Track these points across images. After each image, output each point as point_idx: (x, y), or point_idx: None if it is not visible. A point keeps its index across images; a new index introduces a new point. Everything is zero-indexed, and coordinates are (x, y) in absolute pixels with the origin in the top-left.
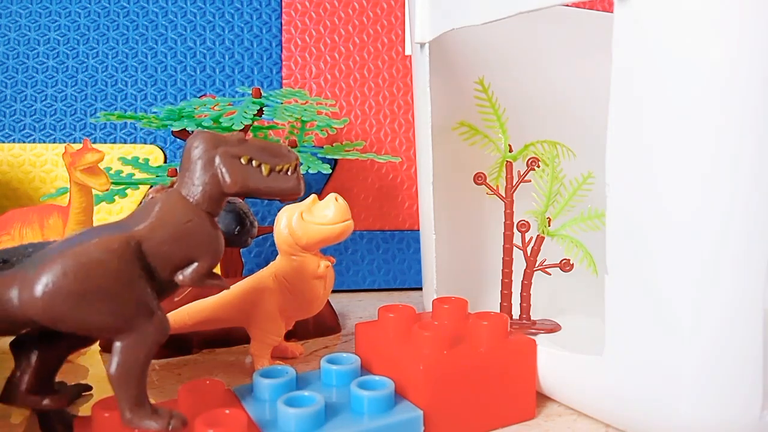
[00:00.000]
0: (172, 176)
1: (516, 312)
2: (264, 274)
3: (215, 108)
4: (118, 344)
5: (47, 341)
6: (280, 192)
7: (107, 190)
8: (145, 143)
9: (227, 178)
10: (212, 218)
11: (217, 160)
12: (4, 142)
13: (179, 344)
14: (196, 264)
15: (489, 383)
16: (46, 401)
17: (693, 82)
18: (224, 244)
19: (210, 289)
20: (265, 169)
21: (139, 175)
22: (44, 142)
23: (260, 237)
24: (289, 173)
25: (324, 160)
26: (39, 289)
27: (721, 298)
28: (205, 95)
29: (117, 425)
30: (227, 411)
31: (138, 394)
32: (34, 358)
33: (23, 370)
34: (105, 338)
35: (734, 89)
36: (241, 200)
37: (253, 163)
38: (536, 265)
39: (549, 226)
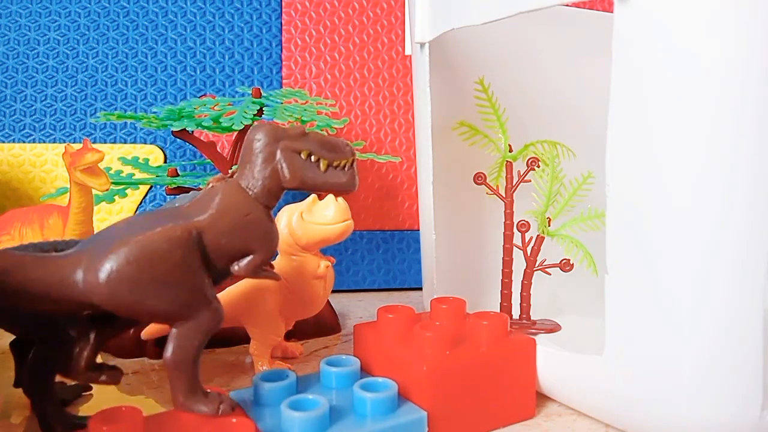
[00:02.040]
0: (172, 176)
1: (516, 312)
2: None
3: (215, 108)
4: (174, 331)
5: (105, 321)
6: (335, 187)
7: (107, 190)
8: (145, 143)
9: (287, 174)
10: (269, 211)
11: (278, 154)
12: (4, 142)
13: None
14: (252, 256)
15: (490, 383)
16: (103, 377)
17: (693, 82)
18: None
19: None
20: (323, 164)
21: (139, 175)
22: (44, 142)
23: None
24: (345, 168)
25: None
26: (103, 275)
27: (721, 297)
28: (205, 95)
29: None
30: (234, 420)
31: (191, 379)
32: (93, 335)
33: (82, 347)
34: (162, 323)
35: (734, 88)
36: None
37: (312, 158)
38: (536, 265)
39: (549, 226)
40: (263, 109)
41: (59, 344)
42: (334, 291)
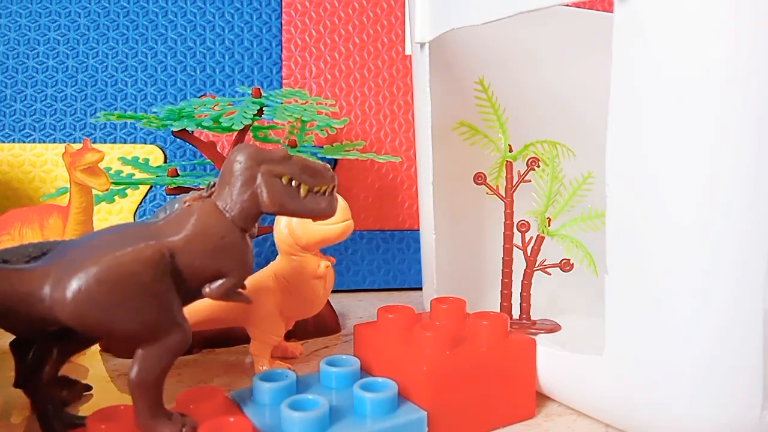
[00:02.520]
0: (172, 176)
1: (516, 312)
2: (264, 274)
3: (215, 108)
4: (140, 352)
5: (69, 337)
6: (313, 213)
7: (107, 190)
8: (145, 143)
9: (266, 199)
10: (245, 235)
11: (259, 178)
12: (4, 142)
13: None
14: (224, 279)
15: (490, 383)
16: (64, 392)
17: (693, 82)
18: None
19: None
20: (303, 189)
21: (139, 175)
22: (44, 142)
23: (260, 237)
24: (325, 194)
25: (324, 160)
26: (70, 293)
27: (721, 297)
28: (205, 95)
29: None
30: (231, 419)
31: (155, 400)
32: (56, 349)
33: (43, 362)
34: (128, 344)
35: (734, 89)
36: None
37: (293, 183)
38: (536, 265)
39: (549, 226)
40: (263, 109)
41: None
42: (334, 291)
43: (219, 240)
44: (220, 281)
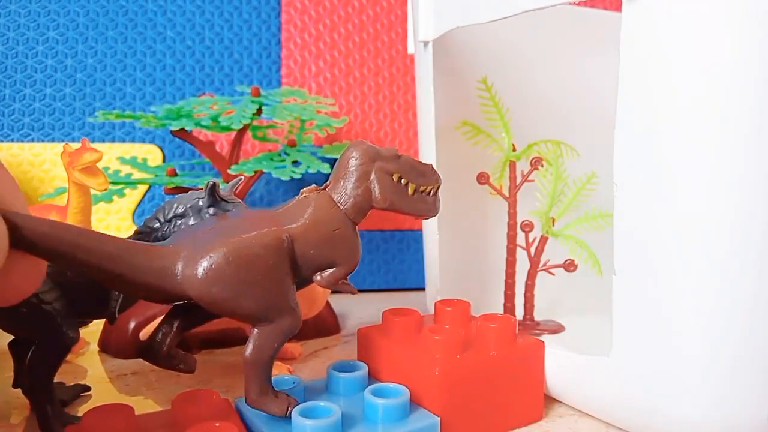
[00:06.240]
0: (171, 175)
1: (519, 312)
2: None
3: (214, 107)
4: (256, 331)
5: (191, 312)
6: (419, 212)
7: (106, 189)
8: (143, 142)
9: (378, 195)
10: (356, 227)
11: (373, 175)
12: (2, 141)
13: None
14: (335, 268)
15: (500, 386)
16: (181, 365)
17: (702, 81)
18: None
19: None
20: (411, 188)
21: (137, 175)
22: (43, 141)
23: None
24: (430, 194)
25: (323, 160)
26: (202, 271)
27: (729, 298)
28: (203, 94)
29: None
30: (217, 424)
31: (264, 378)
32: (177, 323)
33: (165, 334)
34: (245, 323)
35: (744, 87)
36: (240, 201)
37: (402, 181)
38: (540, 266)
39: (553, 226)
40: (262, 108)
41: (58, 345)
42: (334, 291)
43: (333, 231)
44: (330, 270)
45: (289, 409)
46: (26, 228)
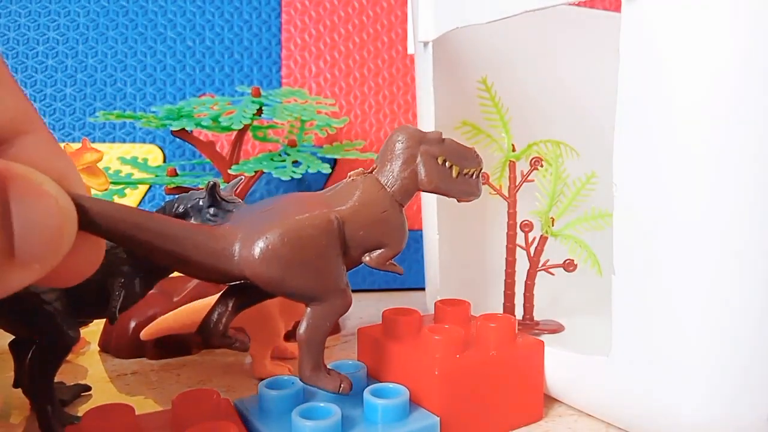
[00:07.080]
0: (171, 175)
1: (519, 312)
2: None
3: (214, 107)
4: (309, 310)
5: (245, 291)
6: (462, 194)
7: (106, 189)
8: (144, 143)
9: (424, 177)
10: (402, 209)
11: (419, 158)
12: None
13: (178, 345)
14: (383, 249)
15: (500, 386)
16: (236, 343)
17: (702, 81)
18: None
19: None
20: (455, 171)
21: (138, 175)
22: None
23: None
24: (473, 177)
25: (324, 160)
26: (259, 251)
27: (729, 298)
28: (204, 94)
29: None
30: (217, 425)
31: (317, 356)
32: (231, 303)
33: (221, 313)
34: (299, 302)
35: (743, 88)
36: (241, 201)
37: (447, 164)
38: (539, 266)
39: (552, 225)
40: (262, 108)
41: (58, 344)
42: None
43: (381, 213)
44: (379, 251)
45: (342, 385)
46: (94, 211)
